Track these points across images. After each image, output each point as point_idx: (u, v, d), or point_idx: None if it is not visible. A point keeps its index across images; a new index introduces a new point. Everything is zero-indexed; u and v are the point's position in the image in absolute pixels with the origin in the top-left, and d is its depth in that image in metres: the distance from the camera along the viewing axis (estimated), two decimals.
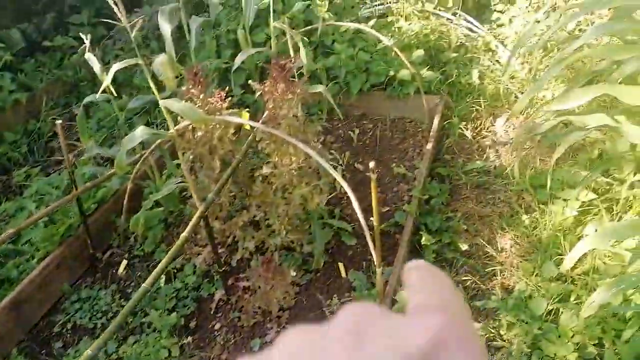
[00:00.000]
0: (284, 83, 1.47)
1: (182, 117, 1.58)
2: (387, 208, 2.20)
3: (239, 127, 1.93)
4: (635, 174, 1.63)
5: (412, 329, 0.20)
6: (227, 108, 1.78)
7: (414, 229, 2.00)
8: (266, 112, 1.63)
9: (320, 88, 1.68)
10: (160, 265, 1.33)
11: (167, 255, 1.34)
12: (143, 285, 1.29)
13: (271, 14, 2.09)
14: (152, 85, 1.57)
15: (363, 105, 2.78)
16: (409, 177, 2.33)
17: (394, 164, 2.43)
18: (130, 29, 1.41)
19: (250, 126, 1.80)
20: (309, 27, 2.57)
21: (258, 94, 1.65)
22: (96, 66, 1.67)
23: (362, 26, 2.45)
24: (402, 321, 0.21)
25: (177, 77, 2.34)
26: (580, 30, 2.50)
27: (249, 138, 1.74)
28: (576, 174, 1.89)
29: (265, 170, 1.65)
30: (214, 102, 1.75)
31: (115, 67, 1.49)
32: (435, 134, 2.36)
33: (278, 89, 1.50)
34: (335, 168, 2.53)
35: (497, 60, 2.77)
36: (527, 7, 2.72)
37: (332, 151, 2.56)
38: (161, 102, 1.56)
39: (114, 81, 3.28)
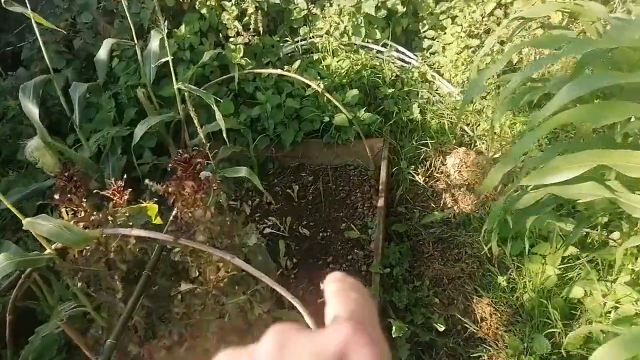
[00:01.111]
0: (192, 181, 1.10)
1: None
2: None
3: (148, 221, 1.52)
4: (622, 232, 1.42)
5: (324, 339, 0.24)
6: (130, 200, 1.38)
7: (380, 309, 1.68)
8: (175, 211, 1.25)
9: (243, 171, 1.33)
10: None
11: None
12: None
13: (173, 73, 1.69)
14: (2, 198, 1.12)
15: (299, 155, 2.45)
16: (363, 240, 2.02)
17: (344, 225, 2.11)
18: None
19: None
20: (225, 76, 2.21)
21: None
22: None
23: (285, 72, 2.13)
24: (316, 334, 0.24)
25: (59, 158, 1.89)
26: (524, 57, 2.34)
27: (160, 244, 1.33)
28: (549, 224, 1.66)
29: (184, 287, 1.26)
30: (111, 195, 1.34)
31: None
32: (384, 186, 2.07)
33: (186, 188, 1.12)
34: (276, 237, 2.17)
35: (436, 92, 2.55)
36: (459, 32, 2.53)
37: (271, 217, 2.21)
38: (25, 223, 1.13)
39: None
